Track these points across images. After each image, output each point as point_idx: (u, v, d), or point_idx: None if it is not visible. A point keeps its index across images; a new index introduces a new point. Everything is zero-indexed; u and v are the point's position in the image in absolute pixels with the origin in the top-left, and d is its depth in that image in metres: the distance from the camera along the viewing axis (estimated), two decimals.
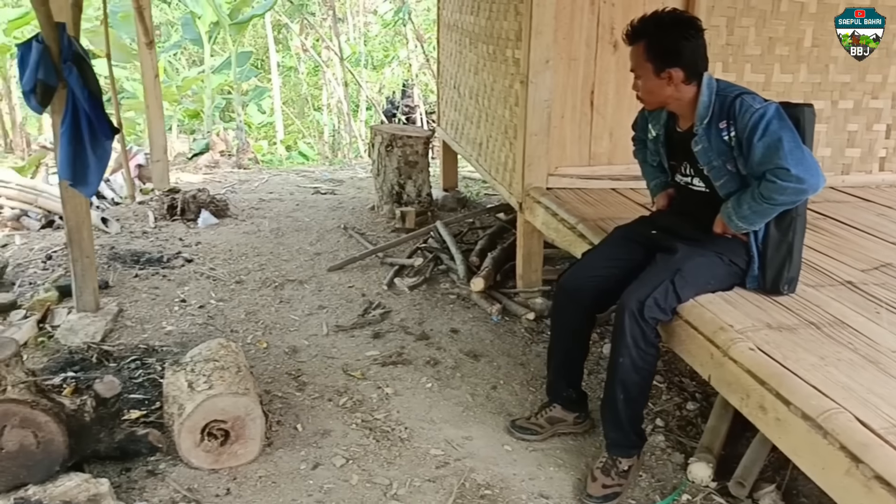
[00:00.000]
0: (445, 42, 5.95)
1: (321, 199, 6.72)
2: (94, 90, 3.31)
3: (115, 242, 4.90)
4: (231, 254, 4.90)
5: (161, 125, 5.94)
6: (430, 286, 4.48)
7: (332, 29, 12.95)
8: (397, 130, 5.96)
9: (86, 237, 3.61)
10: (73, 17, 3.29)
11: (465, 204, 6.28)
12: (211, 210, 5.56)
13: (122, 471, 2.60)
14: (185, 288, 4.28)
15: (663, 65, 2.47)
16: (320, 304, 4.20)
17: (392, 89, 16.43)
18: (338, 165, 10.89)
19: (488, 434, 3.00)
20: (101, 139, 3.42)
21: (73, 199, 3.55)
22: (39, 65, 3.18)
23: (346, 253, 5.03)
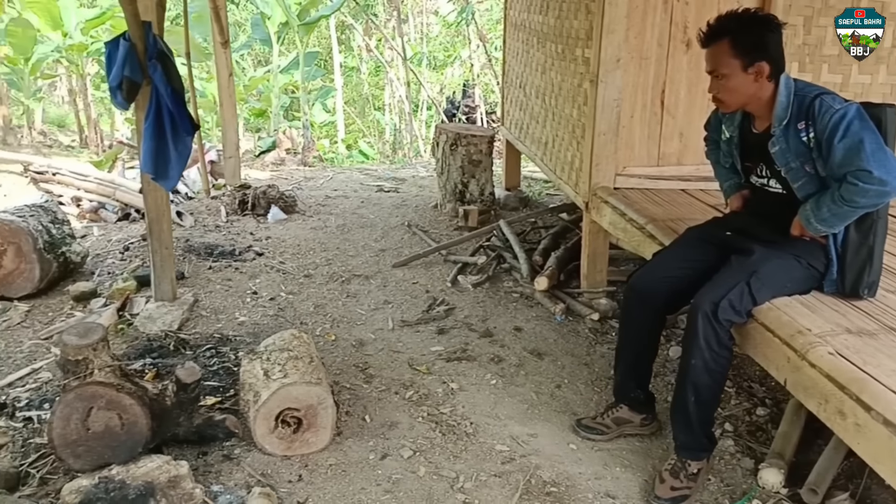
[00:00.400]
0: (512, 42, 5.96)
1: (385, 196, 6.81)
2: (176, 87, 3.44)
3: (189, 235, 5.07)
4: (299, 248, 5.02)
5: (234, 123, 6.12)
6: (494, 284, 4.50)
7: (396, 29, 13.07)
8: (462, 129, 6.00)
9: (165, 229, 3.76)
10: (157, 17, 3.43)
11: (527, 203, 6.28)
12: (280, 206, 5.69)
13: (199, 454, 2.70)
14: (256, 280, 4.40)
15: (752, 59, 2.43)
16: (386, 300, 4.26)
17: (452, 89, 16.51)
18: (399, 164, 11.01)
19: (553, 432, 3.00)
20: (182, 135, 3.55)
21: (153, 192, 3.69)
22: (126, 62, 3.32)
23: (410, 250, 5.09)
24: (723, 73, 2.49)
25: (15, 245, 4.12)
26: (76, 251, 4.48)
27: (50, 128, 15.17)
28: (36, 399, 3.13)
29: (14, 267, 4.14)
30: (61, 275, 4.37)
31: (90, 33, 12.45)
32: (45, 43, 12.12)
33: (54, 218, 4.51)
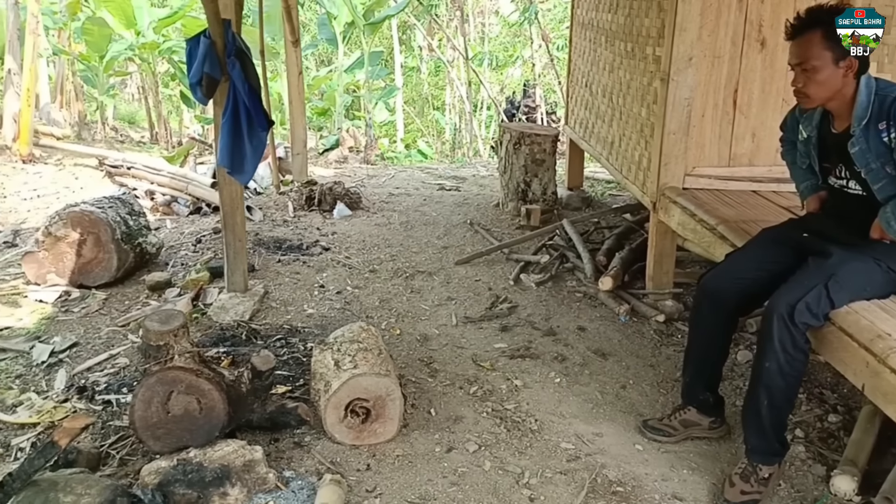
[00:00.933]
0: (578, 40, 5.93)
1: (446, 195, 6.85)
2: (253, 84, 3.54)
3: (258, 229, 5.20)
4: (364, 244, 5.10)
5: (303, 120, 6.25)
6: (556, 283, 4.49)
7: (459, 29, 13.12)
8: (526, 128, 6.00)
9: (239, 222, 3.87)
10: (235, 15, 3.53)
11: (590, 203, 6.24)
12: (346, 202, 5.79)
13: (271, 440, 2.78)
14: (323, 274, 4.49)
15: (843, 52, 2.39)
16: (449, 296, 4.30)
17: (513, 89, 16.48)
18: (459, 163, 11.06)
19: (619, 432, 2.99)
20: (257, 130, 3.65)
21: (229, 186, 3.81)
22: (206, 59, 3.43)
23: (472, 248, 5.12)
24: (812, 66, 2.42)
25: (94, 235, 4.30)
26: (151, 242, 4.65)
27: (121, 124, 15.72)
28: (114, 383, 3.26)
29: (93, 256, 4.32)
30: (137, 265, 4.54)
31: (162, 32, 12.85)
32: (119, 41, 12.55)
33: (131, 210, 4.69)
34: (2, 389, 3.26)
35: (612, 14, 4.84)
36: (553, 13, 15.15)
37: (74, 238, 4.28)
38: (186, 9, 13.13)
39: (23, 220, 6.07)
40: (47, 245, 4.29)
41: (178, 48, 13.00)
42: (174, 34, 13.36)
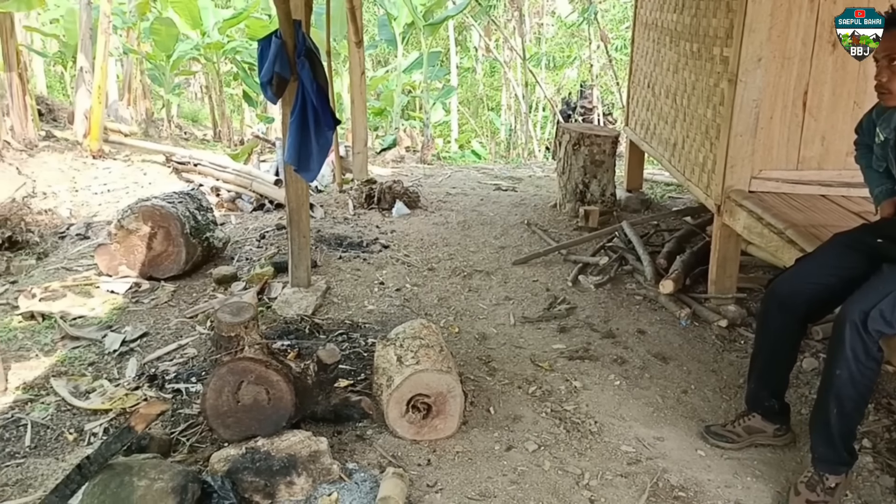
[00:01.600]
0: (641, 41, 5.87)
1: (503, 195, 6.86)
2: (322, 83, 3.62)
3: (320, 226, 5.30)
4: (423, 243, 5.14)
5: (364, 120, 6.34)
6: (615, 285, 4.46)
7: (517, 29, 13.10)
8: (585, 129, 5.97)
9: (304, 219, 3.95)
10: (305, 16, 3.61)
11: (649, 206, 6.17)
12: (404, 201, 5.86)
13: (334, 433, 2.84)
14: (382, 271, 4.55)
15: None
16: (506, 296, 4.31)
17: (569, 90, 16.38)
18: (514, 164, 11.04)
19: (680, 437, 2.96)
20: (323, 129, 3.72)
21: (295, 184, 3.89)
22: (277, 59, 3.52)
23: (530, 248, 5.12)
24: None
25: (164, 229, 4.44)
26: (218, 237, 4.78)
27: (185, 122, 16.17)
28: (183, 373, 3.38)
29: (163, 249, 4.46)
30: (204, 259, 4.68)
31: (226, 33, 13.18)
32: (185, 41, 12.92)
33: (199, 205, 4.83)
34: (76, 376, 3.41)
35: (678, 14, 4.78)
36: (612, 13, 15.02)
37: (145, 231, 4.44)
38: (250, 10, 13.45)
39: (94, 214, 6.32)
40: (119, 238, 4.46)
41: (242, 48, 13.32)
42: (238, 35, 13.67)
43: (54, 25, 12.58)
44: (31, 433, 2.89)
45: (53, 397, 3.17)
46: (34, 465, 2.69)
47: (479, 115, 18.90)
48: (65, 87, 14.96)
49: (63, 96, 14.13)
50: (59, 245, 5.35)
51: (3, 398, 3.13)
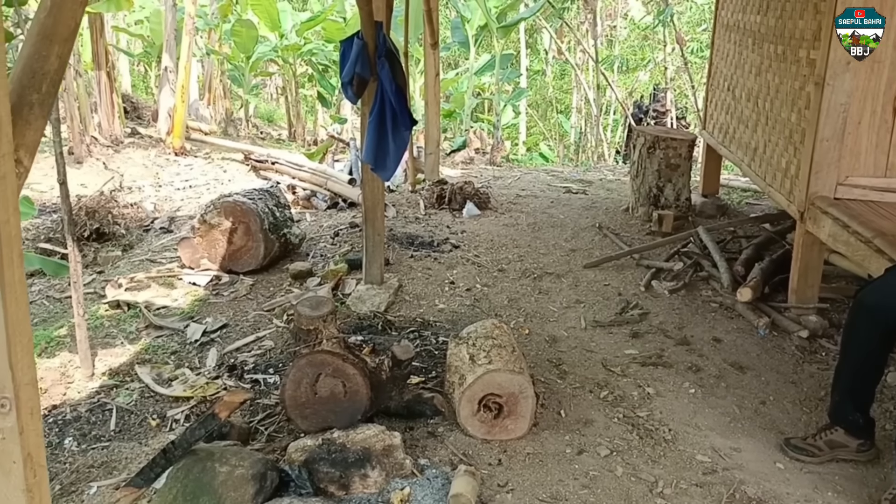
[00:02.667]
0: (721, 43, 5.74)
1: (573, 198, 6.81)
2: (400, 84, 3.68)
3: (392, 225, 5.37)
4: (493, 243, 5.15)
5: (437, 121, 6.40)
6: (690, 292, 4.38)
7: (590, 32, 12.98)
8: (661, 132, 5.88)
9: (379, 217, 4.02)
10: (386, 17, 3.68)
11: (725, 211, 6.02)
12: (475, 202, 5.88)
13: (406, 428, 2.88)
14: (453, 271, 4.58)
15: None
16: (577, 299, 4.28)
17: (641, 93, 16.12)
18: (584, 167, 10.95)
19: (758, 448, 2.89)
20: (401, 129, 3.78)
21: (372, 183, 3.96)
22: (358, 59, 3.59)
23: (601, 252, 5.07)
24: None
25: (245, 224, 4.58)
26: (295, 233, 4.91)
27: (261, 122, 16.61)
28: (261, 364, 3.48)
29: (242, 244, 4.61)
30: (281, 254, 4.80)
31: (304, 35, 13.48)
32: (263, 43, 13.27)
33: (278, 202, 4.96)
34: (159, 364, 3.55)
35: (762, 16, 4.65)
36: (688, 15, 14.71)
37: (227, 226, 4.59)
38: (327, 12, 13.72)
39: (177, 208, 6.56)
40: (202, 232, 4.62)
41: (318, 50, 13.61)
42: (314, 37, 13.97)
43: (140, 26, 13.11)
44: (116, 418, 3.03)
45: (137, 384, 3.31)
46: (118, 448, 2.82)
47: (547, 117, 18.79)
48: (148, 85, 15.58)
49: (147, 95, 14.70)
50: (144, 238, 5.59)
51: (90, 383, 3.30)
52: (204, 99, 12.78)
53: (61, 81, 1.56)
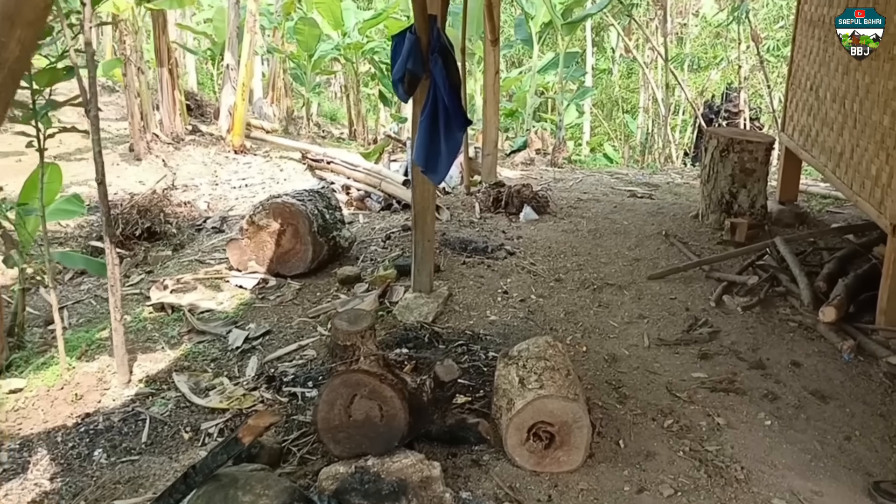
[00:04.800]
0: (804, 39, 5.33)
1: (638, 202, 6.47)
2: (454, 82, 3.46)
3: (445, 230, 5.16)
4: (550, 251, 4.88)
5: (496, 121, 6.14)
6: (765, 309, 4.02)
7: (660, 30, 12.50)
8: (736, 134, 5.50)
9: (429, 222, 3.81)
10: (441, 11, 3.46)
11: (804, 220, 5.59)
12: (532, 206, 5.62)
13: (448, 455, 2.66)
14: (507, 280, 4.34)
15: None
16: (640, 314, 3.98)
17: (712, 92, 15.50)
18: (650, 169, 10.53)
19: (842, 493, 2.57)
20: (454, 130, 3.56)
21: (422, 185, 3.76)
22: (410, 55, 3.38)
23: (667, 262, 4.74)
24: None
25: (293, 226, 4.44)
26: (345, 236, 4.74)
27: (323, 120, 16.66)
28: (301, 376, 3.30)
29: (290, 247, 4.46)
30: (330, 257, 4.65)
31: (366, 33, 13.42)
32: (326, 41, 13.26)
33: (329, 204, 4.81)
34: (198, 371, 3.42)
35: None
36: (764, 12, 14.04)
37: (275, 228, 4.45)
38: (389, 10, 13.63)
39: (230, 208, 6.50)
40: (250, 233, 4.50)
41: (380, 49, 13.54)
42: (377, 36, 13.89)
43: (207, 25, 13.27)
44: (149, 429, 2.90)
45: (174, 392, 3.19)
46: (148, 463, 2.68)
47: (612, 117, 18.31)
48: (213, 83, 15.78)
49: (212, 93, 14.88)
50: (195, 237, 5.52)
51: (126, 390, 3.18)
52: (267, 97, 12.84)
53: (25, 71, 1.37)
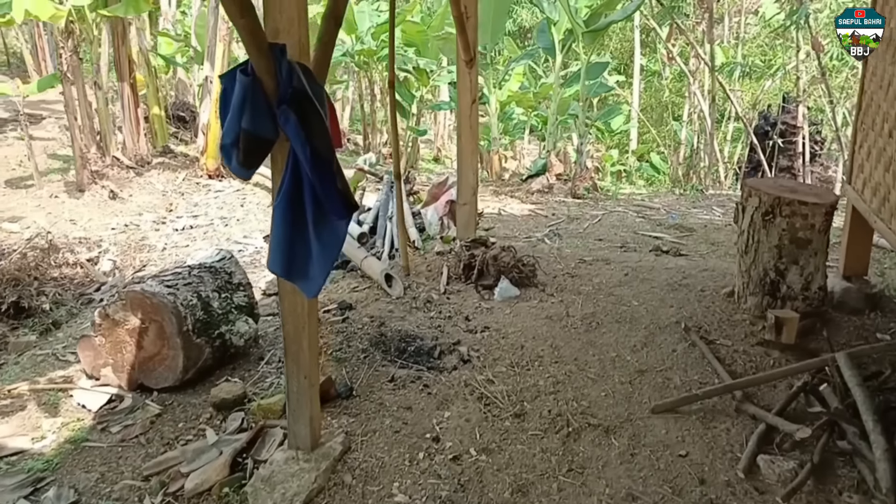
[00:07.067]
0: (880, 65, 3.89)
1: (660, 263, 5.08)
2: (320, 148, 2.19)
3: (388, 315, 3.90)
4: (521, 356, 3.56)
5: (474, 161, 4.81)
6: (821, 480, 2.66)
7: (706, 34, 10.98)
8: (785, 191, 4.07)
9: (306, 348, 2.55)
10: (300, 34, 2.20)
11: (877, 304, 4.14)
12: (513, 277, 4.31)
13: None
14: (444, 414, 3.04)
15: None
16: (629, 490, 2.65)
17: (768, 102, 13.88)
18: (691, 196, 9.09)
19: None
20: (329, 220, 2.31)
21: (291, 297, 2.51)
22: (243, 107, 2.14)
23: (683, 376, 3.41)
24: None
25: (157, 324, 3.26)
26: (240, 332, 3.53)
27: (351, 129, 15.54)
28: None
29: (155, 351, 3.28)
30: (218, 362, 3.45)
31: (380, 38, 12.27)
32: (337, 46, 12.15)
33: (224, 284, 3.61)
34: None
35: None
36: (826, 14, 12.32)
37: (134, 325, 3.28)
38: (406, 13, 12.42)
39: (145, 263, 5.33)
40: (104, 330, 3.33)
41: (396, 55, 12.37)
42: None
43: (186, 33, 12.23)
44: None
45: None
46: None
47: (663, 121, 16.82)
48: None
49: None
50: (80, 313, 4.37)
51: None
52: None
53: None
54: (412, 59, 12.61)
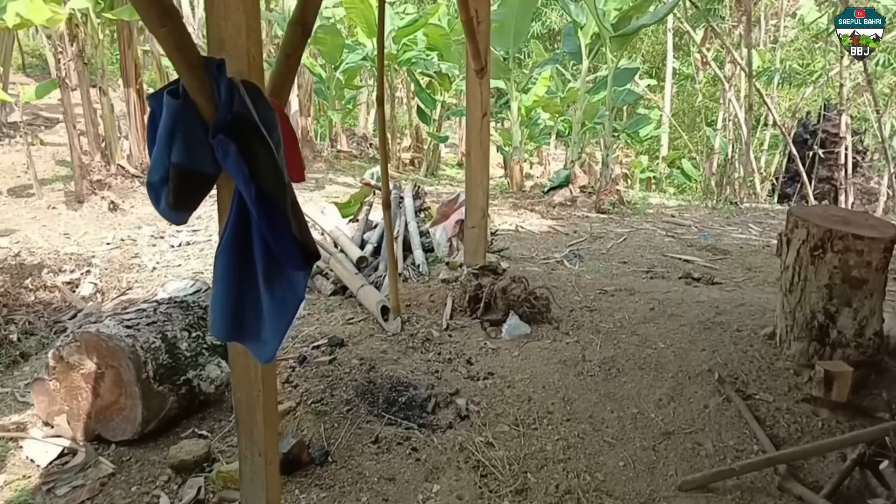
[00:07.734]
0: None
1: (691, 294, 4.58)
2: (268, 186, 1.77)
3: (381, 356, 3.48)
4: (528, 411, 3.11)
5: (485, 179, 4.36)
6: None
7: (743, 38, 10.41)
8: (837, 222, 3.57)
9: (261, 421, 2.14)
10: (248, 45, 1.78)
11: None
12: (524, 311, 3.86)
13: None
14: (433, 488, 2.61)
15: None
16: None
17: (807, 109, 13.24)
18: (725, 212, 8.55)
19: None
20: (285, 272, 1.89)
21: (243, 359, 2.09)
22: (172, 137, 1.73)
23: (716, 439, 2.94)
24: None
25: (114, 370, 2.87)
26: (210, 377, 3.13)
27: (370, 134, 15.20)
28: None
29: (112, 399, 2.90)
30: (185, 410, 3.06)
31: (402, 41, 11.92)
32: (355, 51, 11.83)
33: (198, 320, 3.22)
34: None
35: None
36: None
37: (90, 369, 2.91)
38: (427, 16, 12.04)
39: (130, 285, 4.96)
40: (58, 373, 2.96)
41: (418, 59, 12.01)
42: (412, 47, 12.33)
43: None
44: None
45: None
46: None
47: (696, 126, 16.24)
48: None
49: None
50: (52, 344, 4.01)
51: None
52: None
53: None
54: (434, 64, 12.23)
